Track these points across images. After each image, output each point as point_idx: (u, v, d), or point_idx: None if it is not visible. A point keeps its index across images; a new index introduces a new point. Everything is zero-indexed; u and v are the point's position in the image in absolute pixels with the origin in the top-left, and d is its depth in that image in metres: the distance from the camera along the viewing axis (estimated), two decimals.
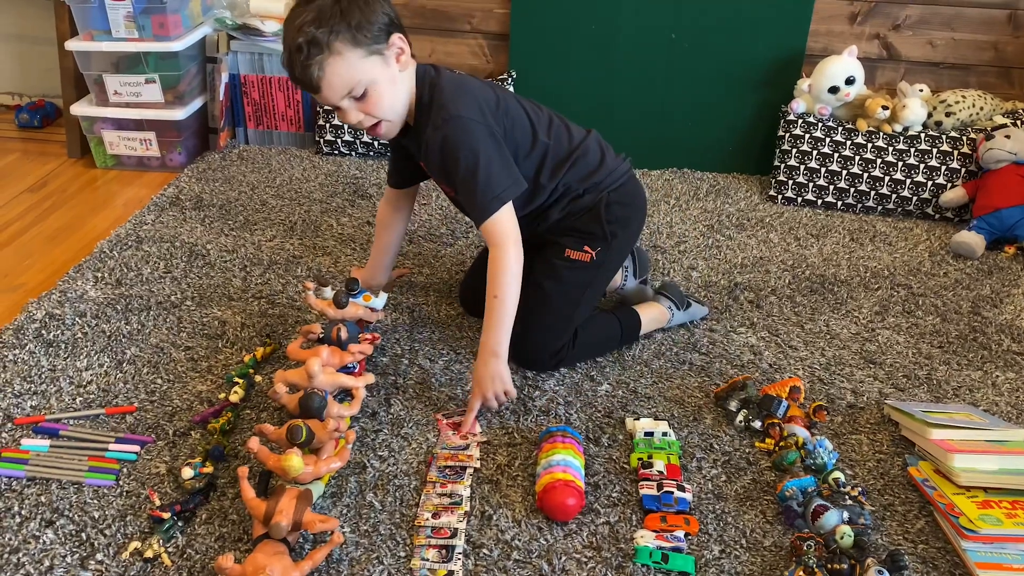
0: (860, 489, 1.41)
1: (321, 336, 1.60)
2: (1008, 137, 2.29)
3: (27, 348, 1.71)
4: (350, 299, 1.68)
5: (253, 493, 1.26)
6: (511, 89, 2.63)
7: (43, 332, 1.76)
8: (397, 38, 1.53)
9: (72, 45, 2.46)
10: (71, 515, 1.33)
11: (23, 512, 1.33)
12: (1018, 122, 2.38)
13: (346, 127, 2.64)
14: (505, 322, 1.57)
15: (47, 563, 1.24)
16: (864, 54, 2.52)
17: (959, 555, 1.30)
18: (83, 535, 1.29)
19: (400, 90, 1.57)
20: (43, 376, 1.64)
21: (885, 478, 1.47)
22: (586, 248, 1.72)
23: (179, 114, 2.53)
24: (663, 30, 2.56)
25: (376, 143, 2.66)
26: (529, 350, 1.69)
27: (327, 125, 2.66)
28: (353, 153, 2.70)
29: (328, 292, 1.70)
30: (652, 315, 1.83)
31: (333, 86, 1.50)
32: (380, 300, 1.78)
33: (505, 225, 1.57)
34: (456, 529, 1.32)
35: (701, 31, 2.54)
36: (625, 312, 1.82)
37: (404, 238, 1.97)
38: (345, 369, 1.58)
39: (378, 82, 1.52)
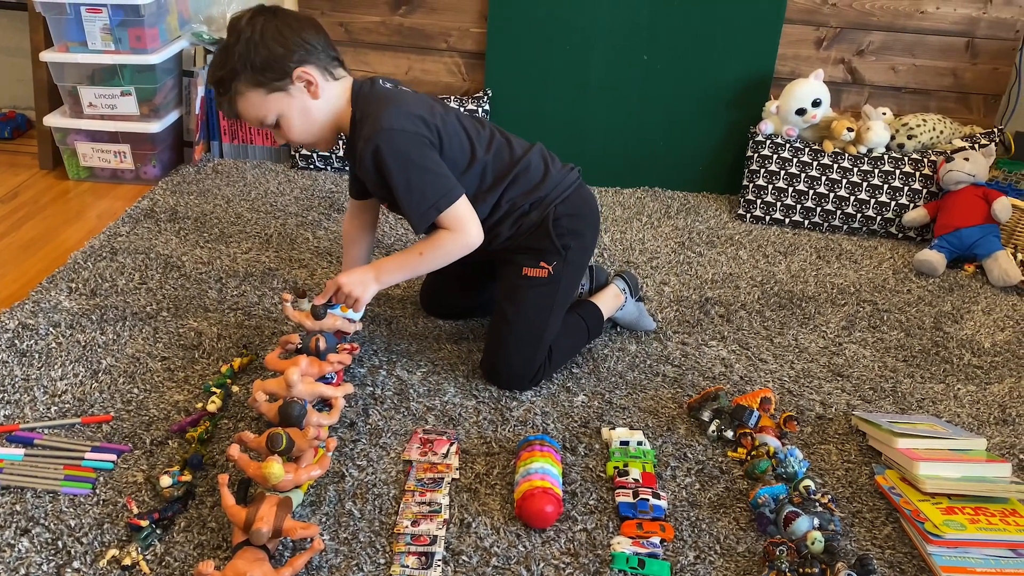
0: (830, 496, 1.44)
1: (300, 346, 1.61)
2: (967, 160, 2.37)
3: None
4: (328, 311, 1.68)
5: (233, 500, 1.26)
6: (488, 107, 2.66)
7: (16, 342, 1.75)
8: (303, 72, 1.57)
9: (47, 56, 2.46)
10: (47, 523, 1.32)
11: None
12: (976, 145, 2.47)
13: None
14: (407, 270, 1.67)
15: (23, 571, 1.23)
16: (830, 78, 2.60)
17: (925, 559, 1.34)
18: (59, 543, 1.28)
19: (314, 116, 1.62)
20: (16, 385, 1.62)
21: (853, 486, 1.51)
22: (542, 264, 1.72)
23: (154, 127, 2.52)
24: (636, 51, 2.62)
25: None
26: (506, 377, 1.71)
27: None
28: (329, 168, 2.71)
29: (306, 304, 1.70)
30: (608, 301, 1.88)
31: (248, 117, 1.62)
32: (357, 312, 1.78)
33: (455, 215, 1.59)
34: (436, 536, 1.33)
35: (673, 53, 2.61)
36: (585, 308, 1.85)
37: (378, 250, 1.98)
38: (323, 379, 1.59)
39: (286, 114, 1.60)
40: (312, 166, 2.70)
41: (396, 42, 2.73)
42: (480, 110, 2.65)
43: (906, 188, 2.46)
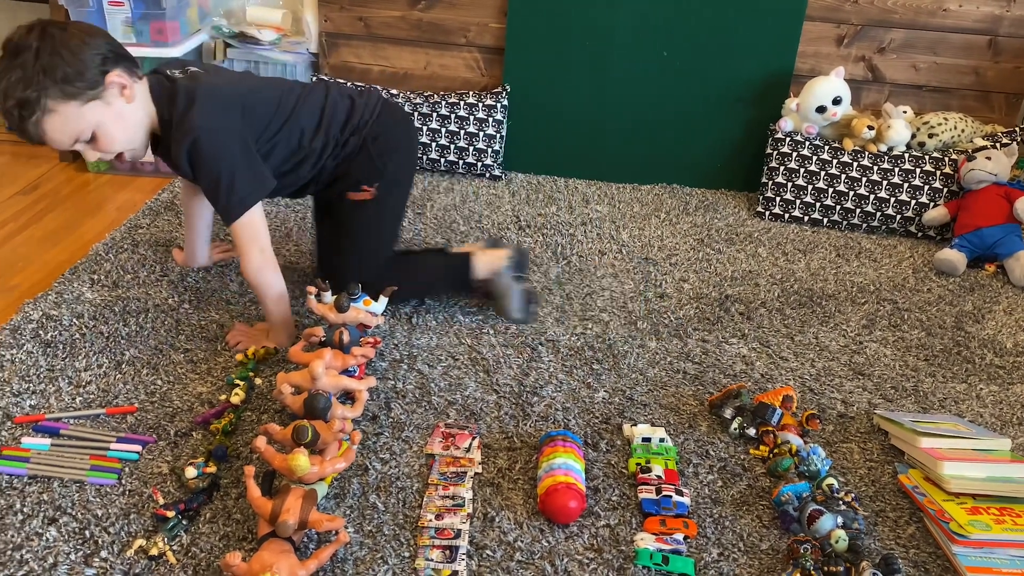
0: (853, 495, 1.44)
1: (323, 339, 1.61)
2: (989, 159, 2.36)
3: (24, 348, 1.71)
4: (351, 303, 1.69)
5: (259, 492, 1.27)
6: (506, 102, 2.66)
7: (40, 332, 1.76)
8: (115, 75, 1.52)
9: None
10: (74, 513, 1.32)
11: (25, 510, 1.32)
12: (998, 144, 2.45)
13: None
14: (269, 307, 1.73)
15: (51, 560, 1.24)
16: (850, 75, 2.59)
17: (950, 559, 1.34)
18: (86, 532, 1.29)
19: (132, 121, 1.58)
20: (41, 376, 1.63)
21: (876, 485, 1.51)
22: (364, 188, 1.83)
23: None
24: (655, 48, 2.61)
25: None
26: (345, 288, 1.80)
27: None
28: None
29: (329, 296, 1.71)
30: (485, 261, 1.93)
31: (57, 139, 1.52)
32: (380, 305, 1.79)
33: (249, 227, 1.65)
34: (459, 530, 1.33)
35: (693, 50, 2.60)
36: (457, 256, 1.95)
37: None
38: (346, 372, 1.60)
39: (103, 123, 1.53)
40: None
41: (415, 37, 2.73)
42: (499, 105, 2.64)
43: (926, 187, 2.45)
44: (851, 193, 2.48)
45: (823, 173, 2.49)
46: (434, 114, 2.64)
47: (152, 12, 2.43)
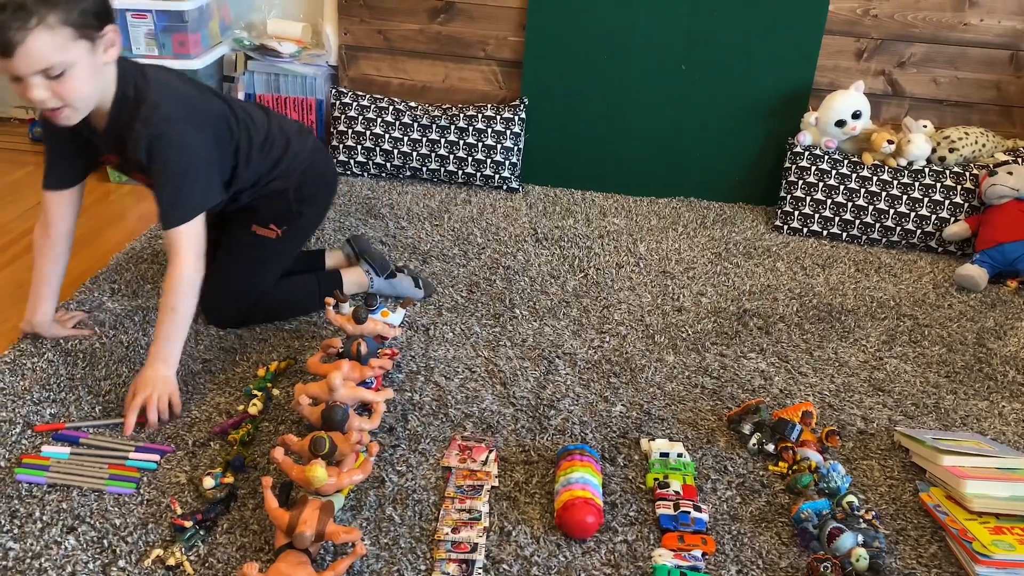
0: (874, 513, 1.42)
1: (341, 351, 1.62)
2: (1011, 174, 2.34)
3: (45, 356, 1.72)
4: (369, 315, 1.69)
5: (277, 503, 1.27)
6: (524, 115, 2.67)
7: (61, 341, 1.77)
8: (111, 29, 1.47)
9: None
10: (92, 522, 1.33)
11: (44, 518, 1.33)
12: (1019, 159, 2.43)
13: (362, 144, 2.67)
14: (179, 334, 1.59)
15: (69, 568, 1.24)
16: (870, 89, 2.57)
17: None
18: (105, 542, 1.29)
19: (99, 82, 1.49)
20: (62, 384, 1.65)
21: (897, 503, 1.49)
22: (272, 226, 1.83)
23: None
24: (674, 61, 2.61)
25: (389, 163, 2.69)
26: (215, 319, 1.84)
27: (340, 146, 2.69)
28: (365, 174, 2.73)
29: (347, 307, 1.72)
30: (353, 277, 1.97)
31: (30, 57, 1.37)
32: (397, 316, 1.80)
33: (192, 236, 1.59)
34: (476, 544, 1.33)
35: (711, 64, 2.60)
36: (329, 275, 1.96)
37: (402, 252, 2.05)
38: (364, 384, 1.60)
39: (80, 67, 1.43)
40: (349, 172, 2.72)
41: (434, 50, 2.75)
42: (516, 118, 2.65)
43: (947, 202, 2.43)
44: (870, 207, 2.47)
45: (842, 187, 2.48)
46: (452, 127, 2.65)
47: (174, 25, 2.46)
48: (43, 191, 1.72)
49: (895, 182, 2.46)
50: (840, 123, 2.48)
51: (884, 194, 2.46)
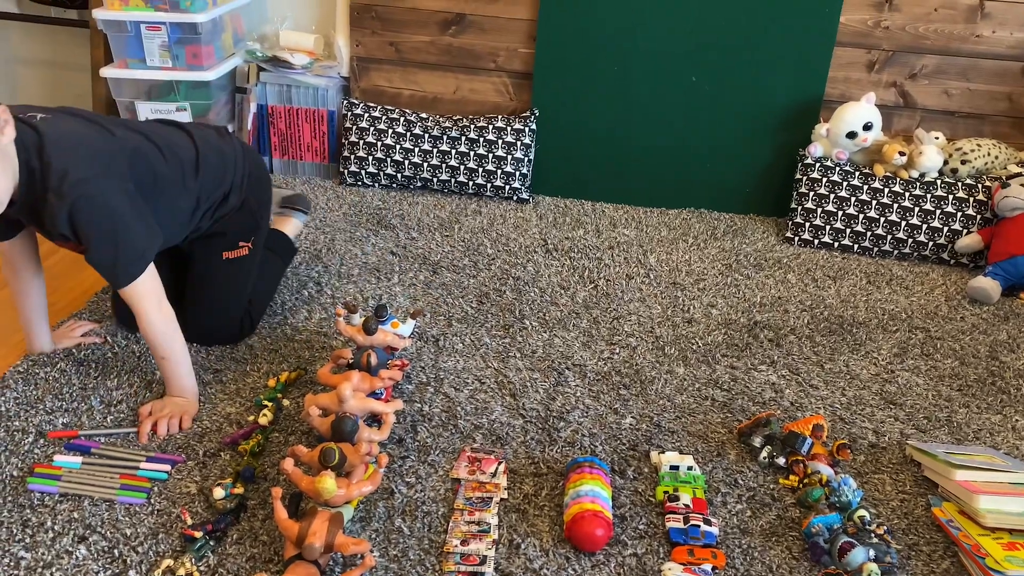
0: (885, 528, 1.41)
1: (351, 361, 1.62)
2: (1023, 185, 2.32)
3: (58, 366, 1.73)
4: (379, 326, 1.70)
5: (286, 514, 1.27)
6: (535, 126, 2.68)
7: (74, 351, 1.78)
8: (1, 110, 1.34)
9: (107, 72, 2.52)
10: (103, 531, 1.34)
11: (56, 527, 1.34)
12: None
13: (369, 158, 2.68)
14: (182, 371, 1.60)
15: None
16: (881, 101, 2.57)
17: None
18: (115, 551, 1.30)
19: (7, 167, 1.37)
20: (74, 394, 1.65)
21: (909, 518, 1.48)
22: (241, 244, 1.80)
23: None
24: (684, 73, 2.61)
25: (400, 174, 2.70)
26: (215, 342, 1.83)
27: (352, 156, 2.71)
28: (376, 185, 2.74)
29: (357, 318, 1.72)
30: (292, 227, 2.10)
31: None
32: (407, 327, 1.80)
33: (148, 286, 1.50)
34: (485, 556, 1.33)
35: (722, 75, 2.60)
36: (277, 240, 2.02)
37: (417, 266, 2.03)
38: (374, 395, 1.60)
39: None
40: (360, 183, 2.73)
41: (445, 62, 2.76)
42: (527, 129, 2.66)
43: (959, 214, 2.42)
44: (882, 219, 2.46)
45: (853, 199, 2.47)
46: (463, 137, 2.66)
47: (188, 37, 2.48)
48: None
49: (907, 194, 2.45)
50: (851, 135, 2.48)
51: (896, 206, 2.45)
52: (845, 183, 2.48)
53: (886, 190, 2.46)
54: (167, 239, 1.65)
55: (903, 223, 2.45)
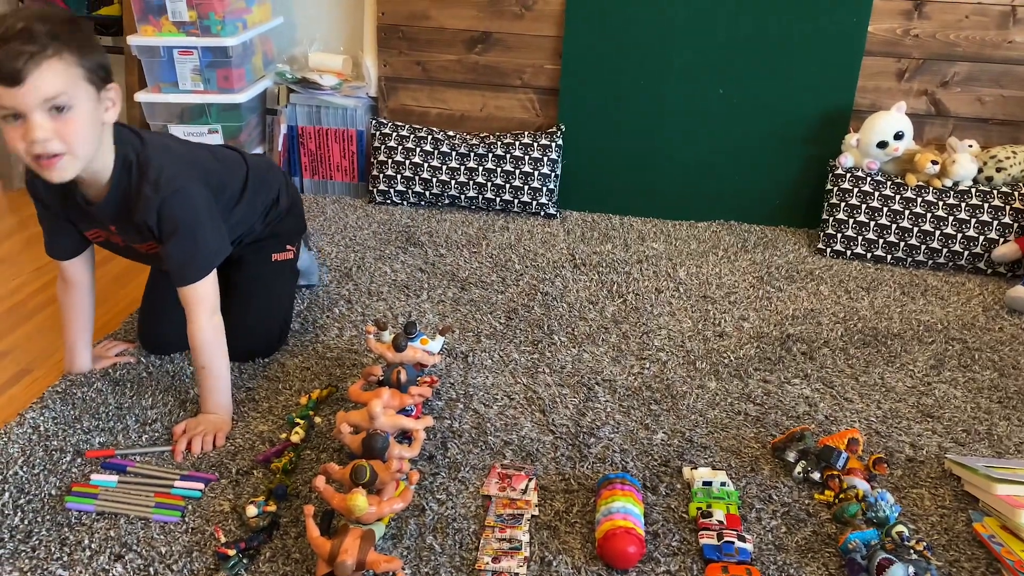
0: (925, 543, 1.38)
1: (381, 378, 1.63)
2: None
3: (95, 386, 1.76)
4: (408, 343, 1.70)
5: (318, 532, 1.28)
6: (561, 142, 2.68)
7: (110, 371, 1.81)
8: (115, 88, 1.48)
9: (141, 96, 2.57)
10: (139, 550, 1.35)
11: (93, 546, 1.35)
12: None
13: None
14: (220, 386, 1.64)
15: None
16: (912, 110, 2.54)
17: None
18: (151, 569, 1.31)
19: (98, 136, 1.47)
20: (110, 413, 1.68)
21: (949, 533, 1.45)
22: (287, 247, 1.94)
23: None
24: (712, 85, 2.60)
25: (428, 192, 2.71)
26: (256, 350, 1.87)
27: (380, 175, 2.73)
28: (405, 203, 2.76)
29: (387, 335, 1.73)
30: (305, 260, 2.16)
31: (40, 85, 1.34)
32: (436, 344, 1.80)
33: (206, 290, 1.60)
34: (517, 574, 1.32)
35: (750, 87, 2.59)
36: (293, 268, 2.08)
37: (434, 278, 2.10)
38: (404, 411, 1.61)
39: (84, 110, 1.41)
40: (389, 201, 2.76)
41: (471, 80, 2.78)
42: (553, 145, 2.67)
43: (995, 222, 2.38)
44: (915, 229, 2.42)
45: (885, 209, 2.44)
46: (490, 154, 2.67)
47: (219, 60, 2.53)
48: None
49: (940, 203, 2.41)
50: (882, 144, 2.45)
51: (929, 215, 2.42)
52: (877, 193, 2.46)
53: (919, 200, 2.43)
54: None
55: (937, 232, 2.41)
